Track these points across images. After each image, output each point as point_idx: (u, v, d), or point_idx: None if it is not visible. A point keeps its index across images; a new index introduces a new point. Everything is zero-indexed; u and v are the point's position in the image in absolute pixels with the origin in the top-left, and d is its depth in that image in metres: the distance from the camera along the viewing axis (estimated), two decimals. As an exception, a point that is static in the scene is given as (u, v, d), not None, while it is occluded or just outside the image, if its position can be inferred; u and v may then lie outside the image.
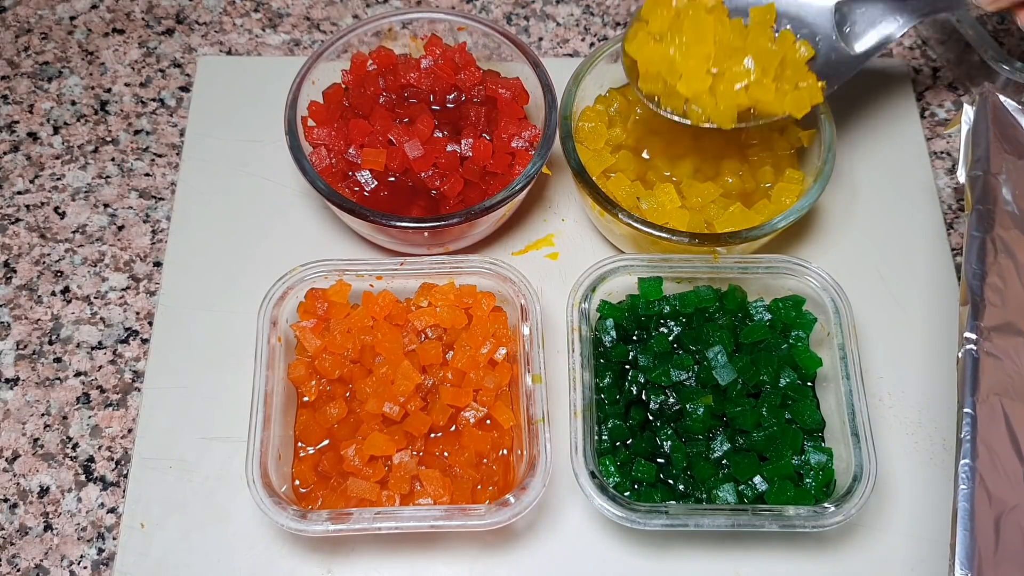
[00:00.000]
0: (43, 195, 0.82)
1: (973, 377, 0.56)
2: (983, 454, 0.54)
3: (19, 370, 0.74)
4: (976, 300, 0.58)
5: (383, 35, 0.80)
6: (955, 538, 0.52)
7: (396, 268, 0.70)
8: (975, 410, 0.55)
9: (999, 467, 0.54)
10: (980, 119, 0.66)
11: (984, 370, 0.56)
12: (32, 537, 0.68)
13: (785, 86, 0.71)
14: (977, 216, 0.62)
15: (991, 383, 0.56)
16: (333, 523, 0.60)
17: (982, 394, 0.56)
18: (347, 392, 0.68)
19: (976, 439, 0.54)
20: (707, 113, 0.71)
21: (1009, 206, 0.63)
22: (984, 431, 0.55)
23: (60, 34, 0.91)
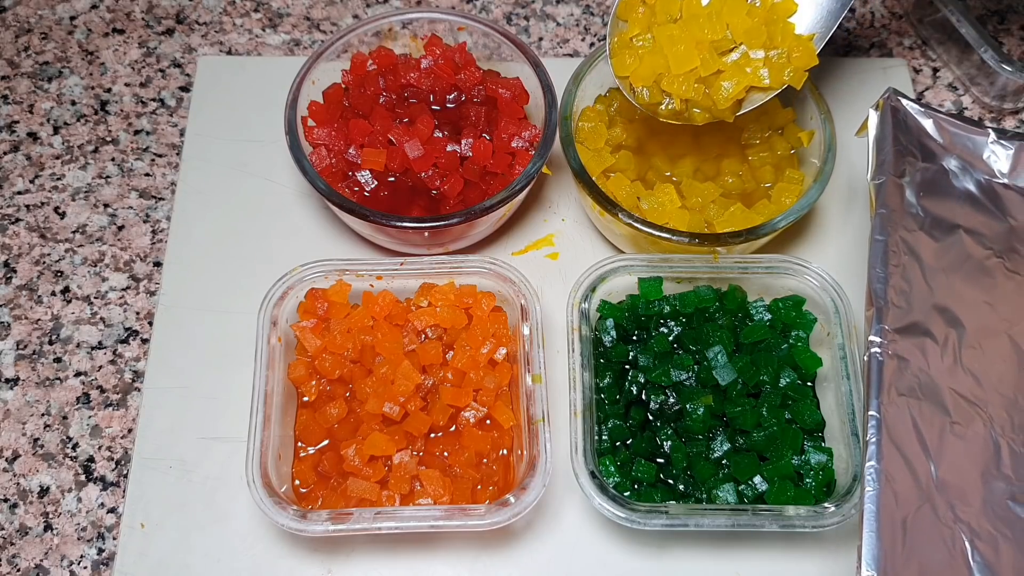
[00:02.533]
0: (43, 195, 0.82)
1: (879, 379, 0.56)
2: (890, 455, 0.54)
3: (19, 370, 0.74)
4: (880, 304, 0.59)
5: (383, 35, 0.80)
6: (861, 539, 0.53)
7: (396, 268, 0.70)
8: (880, 412, 0.55)
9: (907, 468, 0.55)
10: (884, 124, 0.67)
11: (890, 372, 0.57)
12: (32, 537, 0.68)
13: (777, 58, 0.71)
14: (880, 220, 0.62)
15: (898, 384, 0.57)
16: (333, 523, 0.60)
17: (889, 396, 0.56)
18: (347, 392, 0.68)
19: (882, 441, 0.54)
20: (708, 112, 0.72)
21: (913, 208, 0.64)
22: (892, 432, 0.55)
23: (60, 34, 0.91)
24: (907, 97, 0.68)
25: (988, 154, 0.68)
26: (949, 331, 0.60)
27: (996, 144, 0.68)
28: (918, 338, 0.59)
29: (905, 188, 0.64)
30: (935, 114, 0.68)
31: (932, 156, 0.67)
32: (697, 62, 0.70)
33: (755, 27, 0.70)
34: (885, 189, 0.63)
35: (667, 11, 0.71)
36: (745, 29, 0.71)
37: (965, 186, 0.67)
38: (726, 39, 0.71)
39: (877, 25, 0.94)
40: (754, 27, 0.70)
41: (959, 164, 0.67)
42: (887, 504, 0.53)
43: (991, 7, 0.95)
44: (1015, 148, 0.68)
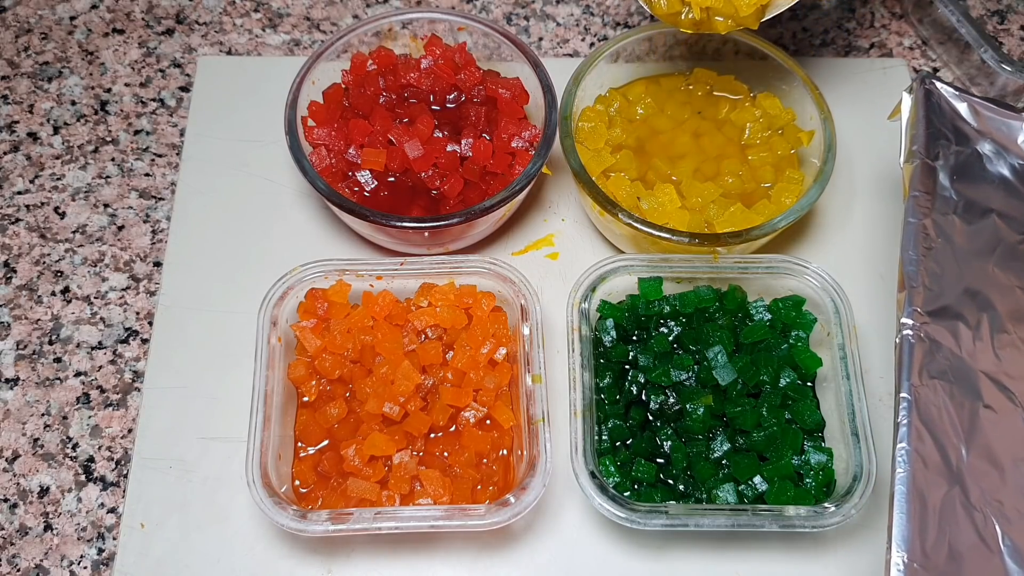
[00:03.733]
0: (43, 195, 0.82)
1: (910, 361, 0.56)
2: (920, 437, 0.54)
3: (19, 370, 0.74)
4: (912, 286, 0.59)
5: (383, 35, 0.80)
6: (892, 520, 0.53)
7: (396, 268, 0.70)
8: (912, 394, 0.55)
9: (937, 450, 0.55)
10: (917, 106, 0.66)
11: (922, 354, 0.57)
12: (32, 537, 0.68)
13: None
14: (914, 202, 0.62)
15: (929, 367, 0.57)
16: (333, 523, 0.60)
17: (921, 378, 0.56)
18: (347, 392, 0.68)
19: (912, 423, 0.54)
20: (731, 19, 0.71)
21: (946, 191, 0.64)
22: (923, 414, 0.55)
23: (60, 34, 0.91)
24: (942, 80, 0.68)
25: (1023, 138, 0.68)
26: (981, 315, 0.60)
27: None
28: (950, 321, 0.59)
29: (939, 171, 0.64)
30: (970, 97, 0.68)
31: (966, 139, 0.66)
32: None
33: None
34: (918, 172, 0.63)
35: None
36: None
37: (999, 170, 0.66)
38: None
39: (877, 25, 0.94)
40: None
41: (993, 148, 0.67)
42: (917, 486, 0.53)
43: (991, 7, 0.95)
44: None
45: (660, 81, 0.82)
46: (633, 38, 0.80)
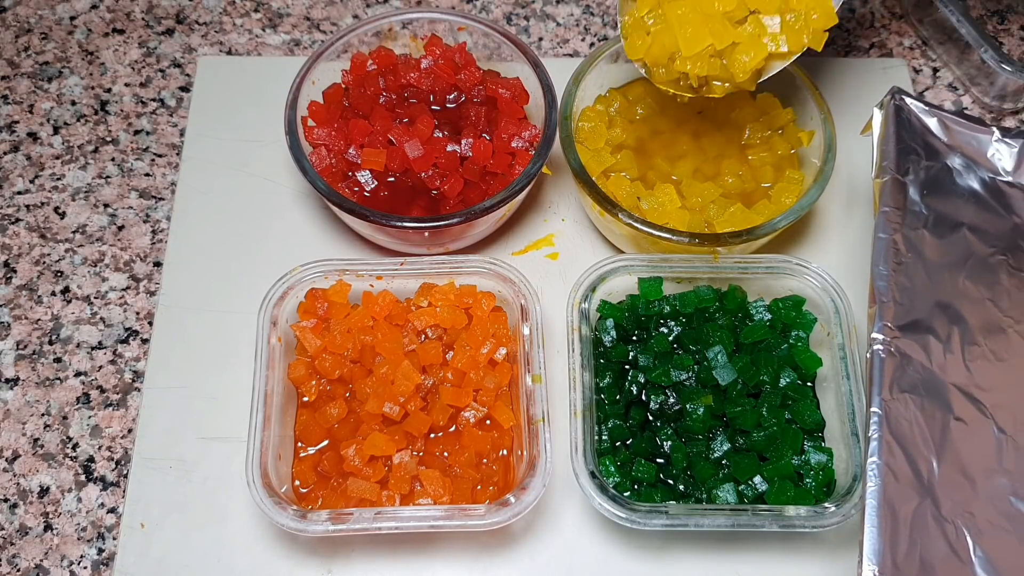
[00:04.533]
0: (43, 195, 0.82)
1: (881, 376, 0.57)
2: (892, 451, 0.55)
3: (19, 370, 0.74)
4: (883, 300, 0.59)
5: (383, 35, 0.80)
6: (863, 534, 0.53)
7: (396, 268, 0.70)
8: (883, 408, 0.55)
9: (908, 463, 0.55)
10: (888, 122, 0.67)
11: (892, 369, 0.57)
12: (32, 537, 0.68)
13: (794, 22, 0.69)
14: (883, 218, 0.63)
15: (900, 381, 0.57)
16: (333, 523, 0.60)
17: (891, 392, 0.56)
18: (347, 392, 0.68)
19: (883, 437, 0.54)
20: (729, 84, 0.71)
21: (917, 206, 0.64)
22: (894, 428, 0.55)
23: (60, 34, 0.91)
24: (911, 96, 0.68)
25: (992, 152, 0.68)
26: (952, 328, 0.61)
27: (1000, 142, 0.68)
28: (921, 335, 0.59)
29: (908, 186, 0.64)
30: (939, 112, 0.68)
31: (936, 154, 0.67)
32: (708, 41, 0.69)
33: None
34: (888, 187, 0.64)
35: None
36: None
37: (969, 184, 0.67)
38: (739, 7, 0.69)
39: (877, 25, 0.94)
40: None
41: (963, 162, 0.67)
42: (889, 499, 0.53)
43: (991, 7, 0.95)
44: (1019, 146, 0.69)
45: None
46: (633, 38, 0.80)
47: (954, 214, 0.65)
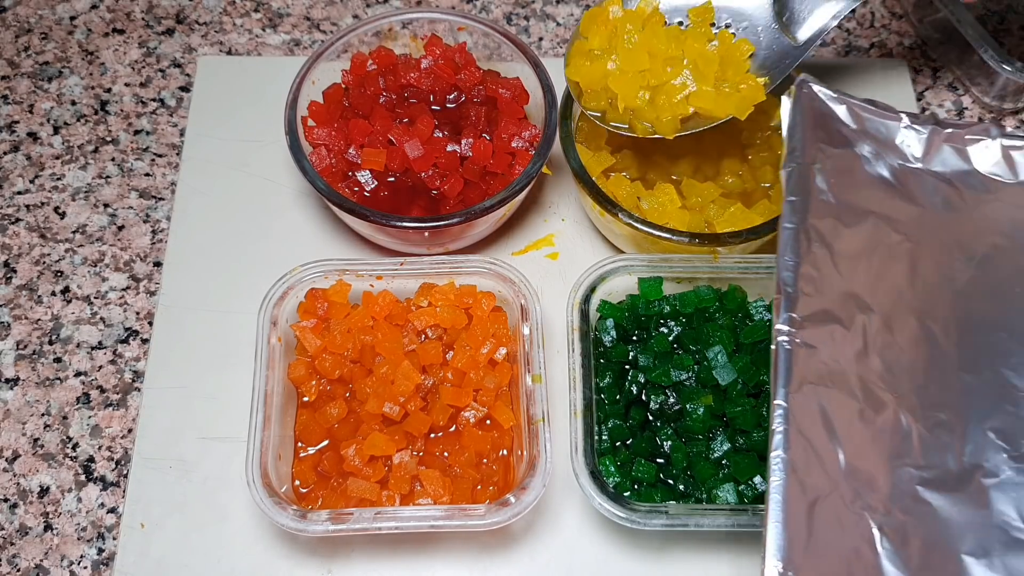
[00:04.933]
0: (43, 195, 0.82)
1: (787, 368, 0.55)
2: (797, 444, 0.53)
3: (19, 370, 0.74)
4: (788, 292, 0.57)
5: (383, 35, 0.80)
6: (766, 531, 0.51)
7: (396, 268, 0.70)
8: (787, 401, 0.54)
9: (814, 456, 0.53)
10: (795, 111, 0.65)
11: (798, 360, 0.56)
12: (32, 537, 0.68)
13: (726, 88, 0.71)
14: (790, 207, 0.61)
15: (806, 373, 0.56)
16: (333, 523, 0.60)
17: (796, 384, 0.55)
18: (347, 392, 0.68)
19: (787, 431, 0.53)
20: (651, 125, 0.72)
21: (824, 195, 0.62)
22: (798, 421, 0.54)
23: (60, 34, 0.91)
24: (819, 83, 0.67)
25: (901, 139, 0.67)
26: (860, 317, 0.59)
27: (909, 129, 0.67)
28: (828, 325, 0.58)
29: (816, 175, 0.62)
30: (848, 99, 0.67)
31: (845, 142, 0.65)
32: (647, 64, 0.70)
33: (710, 55, 0.71)
34: (795, 177, 0.62)
35: (628, 30, 0.72)
36: (700, 53, 0.71)
37: (878, 172, 0.65)
38: (679, 58, 0.71)
39: (877, 25, 0.94)
40: (710, 57, 0.71)
41: (872, 150, 0.66)
42: (793, 493, 0.52)
43: (991, 7, 0.95)
44: (928, 132, 0.67)
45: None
46: (633, 38, 0.80)
47: (863, 202, 0.64)
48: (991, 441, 0.56)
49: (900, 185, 0.65)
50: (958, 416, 0.57)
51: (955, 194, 0.66)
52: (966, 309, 0.61)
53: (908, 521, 0.53)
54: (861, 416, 0.56)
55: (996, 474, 0.55)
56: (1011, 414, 0.57)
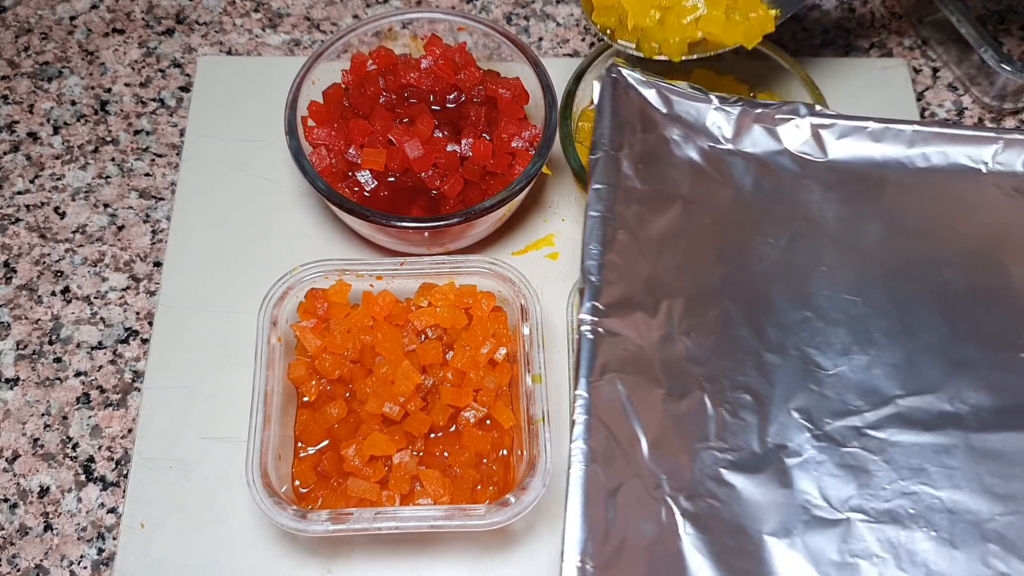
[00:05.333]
0: (43, 195, 0.82)
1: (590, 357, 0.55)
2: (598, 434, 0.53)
3: (19, 370, 0.74)
4: (592, 280, 0.57)
5: (383, 35, 0.80)
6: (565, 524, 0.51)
7: (396, 268, 0.70)
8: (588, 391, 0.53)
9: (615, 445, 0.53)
10: (604, 97, 0.64)
11: (601, 349, 0.55)
12: (32, 537, 0.68)
13: (736, 16, 0.71)
14: (595, 195, 0.60)
15: (609, 361, 0.55)
16: (333, 523, 0.60)
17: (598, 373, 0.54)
18: (347, 392, 0.68)
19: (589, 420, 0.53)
20: (658, 46, 0.71)
21: (631, 181, 0.62)
22: (601, 410, 0.53)
23: (60, 34, 0.91)
24: (628, 67, 0.66)
25: (712, 120, 0.66)
26: (666, 302, 0.59)
27: (719, 110, 0.66)
28: (632, 313, 0.58)
29: (623, 161, 0.62)
30: (658, 84, 0.66)
31: (654, 126, 0.65)
32: None
33: None
34: (601, 164, 0.61)
35: None
36: None
37: (688, 155, 0.65)
38: None
39: (877, 25, 0.94)
40: None
41: (682, 133, 0.65)
42: (593, 484, 0.51)
43: (991, 7, 0.95)
44: (737, 112, 0.66)
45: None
46: (633, 38, 0.80)
47: (670, 187, 0.63)
48: (795, 421, 0.56)
49: (710, 167, 0.65)
50: (763, 397, 0.57)
51: (766, 174, 0.65)
52: (771, 290, 0.61)
53: (712, 505, 0.53)
54: (665, 402, 0.55)
55: (799, 453, 0.55)
56: (815, 393, 0.57)
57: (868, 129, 0.64)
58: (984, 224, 0.63)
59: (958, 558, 0.52)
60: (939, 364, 0.58)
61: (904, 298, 0.60)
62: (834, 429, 0.56)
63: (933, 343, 0.59)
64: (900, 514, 0.53)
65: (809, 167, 0.65)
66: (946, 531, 0.53)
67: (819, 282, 0.61)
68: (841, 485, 0.54)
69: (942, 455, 0.55)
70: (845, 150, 0.65)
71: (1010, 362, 0.58)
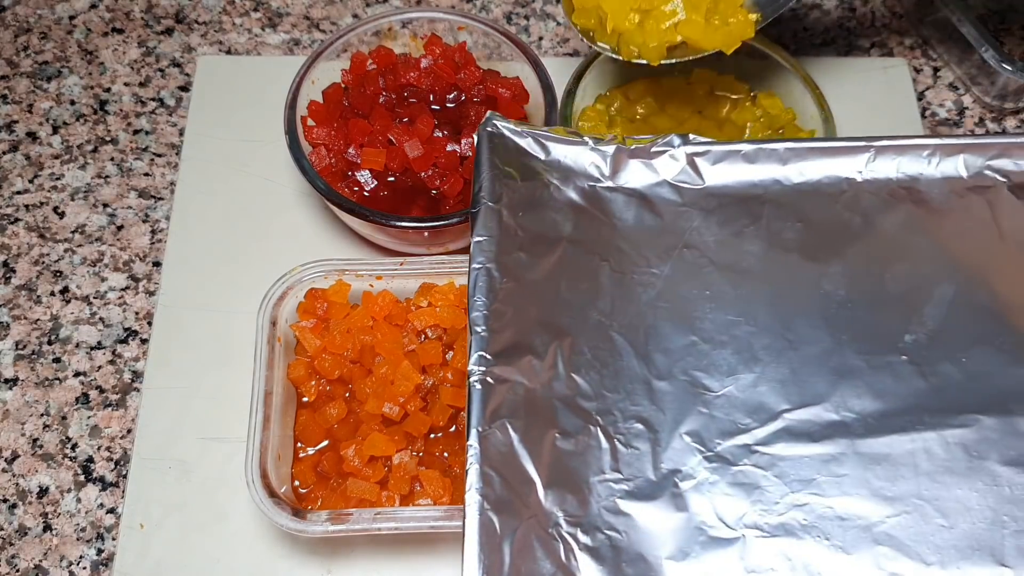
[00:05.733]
0: (42, 195, 0.81)
1: (480, 407, 0.55)
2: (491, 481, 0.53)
3: (18, 370, 0.74)
4: (478, 331, 0.58)
5: (383, 35, 0.80)
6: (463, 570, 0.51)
7: (396, 268, 0.70)
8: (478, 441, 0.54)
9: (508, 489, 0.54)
10: (481, 151, 0.65)
11: (491, 397, 0.56)
12: (31, 537, 0.67)
13: (716, 21, 0.71)
14: (477, 248, 0.61)
15: (499, 409, 0.56)
16: (333, 523, 0.60)
17: (489, 422, 0.55)
18: (347, 392, 0.68)
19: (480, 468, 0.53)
20: (637, 49, 0.72)
21: (512, 229, 0.63)
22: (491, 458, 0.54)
23: (59, 34, 0.90)
24: (503, 119, 0.67)
25: (590, 161, 0.67)
26: (555, 343, 0.60)
27: (595, 151, 0.67)
28: (520, 357, 0.58)
29: (503, 212, 0.63)
30: (533, 132, 0.67)
31: (533, 174, 0.66)
32: None
33: None
34: (481, 216, 0.62)
35: None
36: None
37: (569, 196, 0.66)
38: None
39: (877, 25, 0.94)
40: None
41: (560, 176, 0.66)
42: (487, 531, 0.52)
43: (992, 7, 0.95)
44: (612, 151, 0.67)
45: (661, 81, 0.82)
46: (633, 38, 0.80)
47: (552, 230, 0.64)
48: (686, 444, 0.57)
49: (591, 206, 0.66)
50: (654, 425, 0.58)
51: (646, 206, 0.66)
52: (657, 318, 0.62)
53: (611, 536, 0.54)
54: (558, 440, 0.56)
55: (692, 476, 0.56)
56: (704, 415, 0.58)
57: (742, 152, 0.65)
58: (861, 232, 0.64)
59: (852, 563, 0.53)
60: (823, 375, 0.59)
61: (786, 314, 0.61)
62: (725, 449, 0.57)
63: (817, 355, 0.60)
64: (793, 526, 0.54)
65: (687, 195, 0.66)
66: (838, 538, 0.54)
67: (703, 306, 0.62)
68: (734, 504, 0.55)
69: (831, 464, 0.56)
70: (721, 175, 0.66)
71: (891, 365, 0.59)
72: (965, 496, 0.55)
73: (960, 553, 0.53)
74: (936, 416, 0.57)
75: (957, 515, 0.54)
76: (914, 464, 0.56)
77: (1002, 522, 0.54)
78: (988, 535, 0.53)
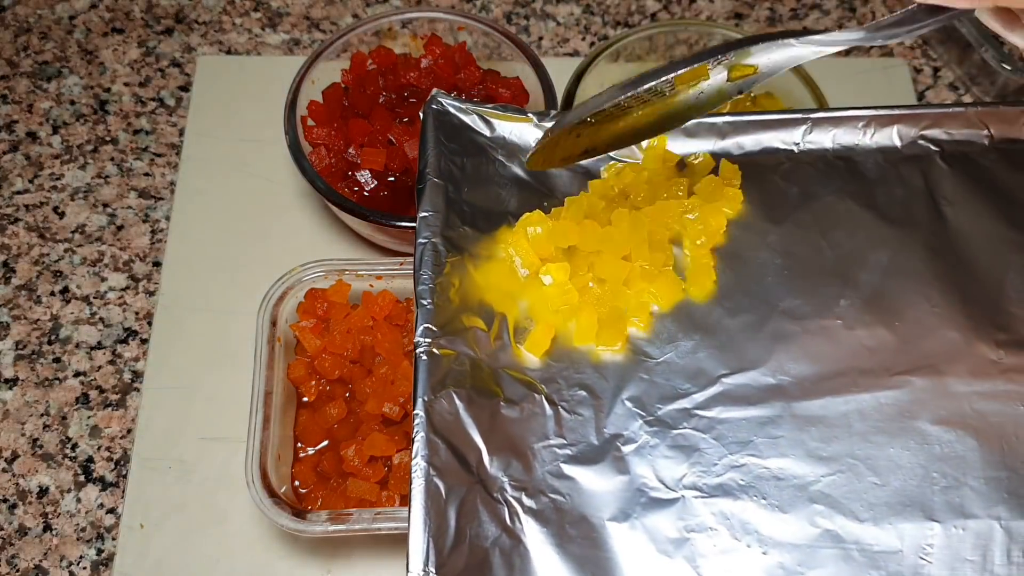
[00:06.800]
0: (42, 195, 0.81)
1: (425, 377, 0.57)
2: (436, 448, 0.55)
3: (18, 370, 0.74)
4: (424, 304, 0.59)
5: (383, 34, 0.80)
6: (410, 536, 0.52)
7: (396, 268, 0.70)
8: (424, 409, 0.55)
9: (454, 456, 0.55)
10: (427, 129, 0.66)
11: (436, 368, 0.57)
12: (31, 538, 0.67)
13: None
14: (423, 223, 0.62)
15: (445, 378, 0.57)
16: (332, 523, 0.60)
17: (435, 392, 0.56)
18: (347, 392, 0.68)
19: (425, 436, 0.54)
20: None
21: (457, 205, 0.64)
22: (437, 426, 0.55)
23: (59, 33, 0.90)
24: (447, 96, 0.68)
25: (533, 137, 0.67)
26: (499, 315, 0.61)
27: (539, 128, 0.67)
28: (467, 329, 0.60)
29: (448, 187, 0.64)
30: (477, 108, 0.68)
31: (479, 150, 0.67)
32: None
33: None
34: (426, 192, 0.63)
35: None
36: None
37: (514, 172, 0.66)
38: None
39: (877, 25, 0.94)
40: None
41: (505, 153, 0.67)
42: (433, 496, 0.53)
43: (991, 7, 0.95)
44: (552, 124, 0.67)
45: (660, 81, 0.82)
46: (634, 37, 0.80)
47: (497, 205, 0.65)
48: (628, 410, 0.58)
49: (535, 181, 0.67)
50: (597, 392, 0.59)
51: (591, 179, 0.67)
52: None
53: (554, 499, 0.55)
54: (503, 408, 0.57)
55: (634, 440, 0.57)
56: (645, 381, 0.59)
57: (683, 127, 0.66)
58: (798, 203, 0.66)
59: (787, 521, 0.55)
60: (761, 340, 0.60)
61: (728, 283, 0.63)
62: (665, 413, 0.58)
63: (754, 321, 0.61)
64: (731, 487, 0.56)
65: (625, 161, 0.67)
66: (775, 498, 0.55)
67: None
68: (674, 466, 0.56)
69: (768, 426, 0.57)
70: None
71: (826, 330, 0.60)
72: (897, 455, 0.56)
73: (892, 509, 0.55)
74: (869, 378, 0.59)
75: (889, 473, 0.56)
76: (848, 425, 0.57)
77: (932, 479, 0.55)
78: (918, 492, 0.55)
